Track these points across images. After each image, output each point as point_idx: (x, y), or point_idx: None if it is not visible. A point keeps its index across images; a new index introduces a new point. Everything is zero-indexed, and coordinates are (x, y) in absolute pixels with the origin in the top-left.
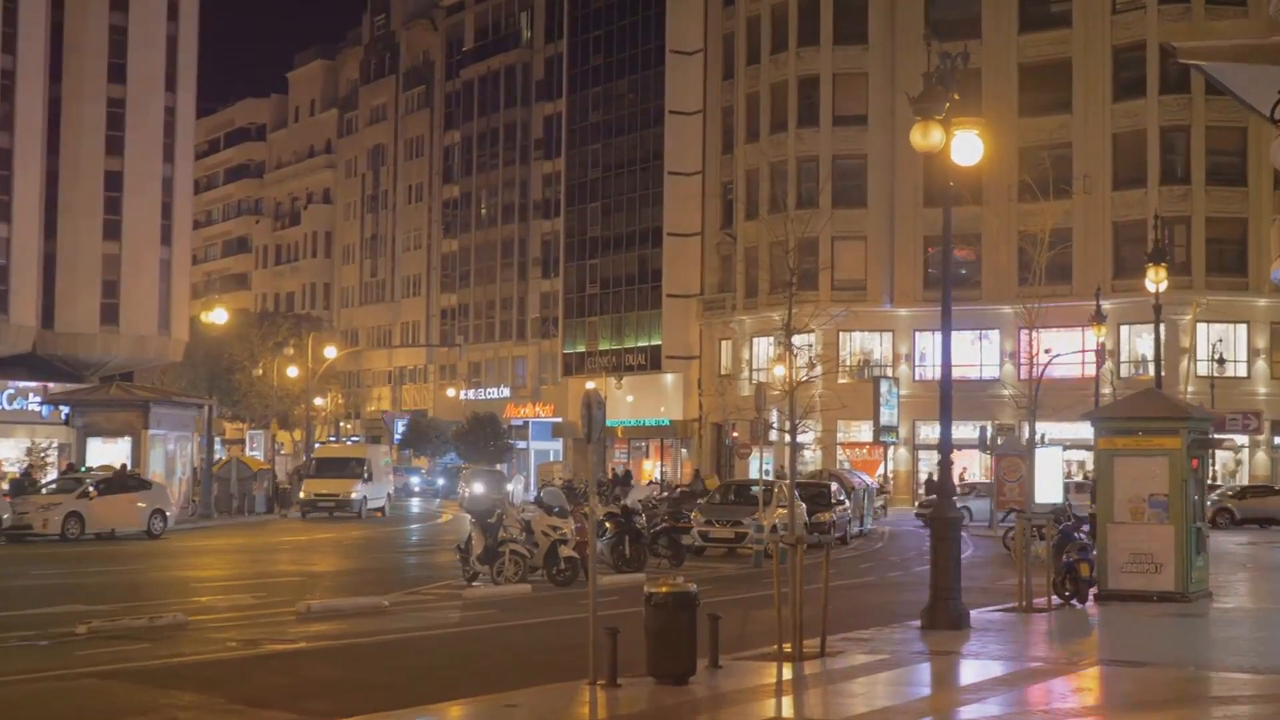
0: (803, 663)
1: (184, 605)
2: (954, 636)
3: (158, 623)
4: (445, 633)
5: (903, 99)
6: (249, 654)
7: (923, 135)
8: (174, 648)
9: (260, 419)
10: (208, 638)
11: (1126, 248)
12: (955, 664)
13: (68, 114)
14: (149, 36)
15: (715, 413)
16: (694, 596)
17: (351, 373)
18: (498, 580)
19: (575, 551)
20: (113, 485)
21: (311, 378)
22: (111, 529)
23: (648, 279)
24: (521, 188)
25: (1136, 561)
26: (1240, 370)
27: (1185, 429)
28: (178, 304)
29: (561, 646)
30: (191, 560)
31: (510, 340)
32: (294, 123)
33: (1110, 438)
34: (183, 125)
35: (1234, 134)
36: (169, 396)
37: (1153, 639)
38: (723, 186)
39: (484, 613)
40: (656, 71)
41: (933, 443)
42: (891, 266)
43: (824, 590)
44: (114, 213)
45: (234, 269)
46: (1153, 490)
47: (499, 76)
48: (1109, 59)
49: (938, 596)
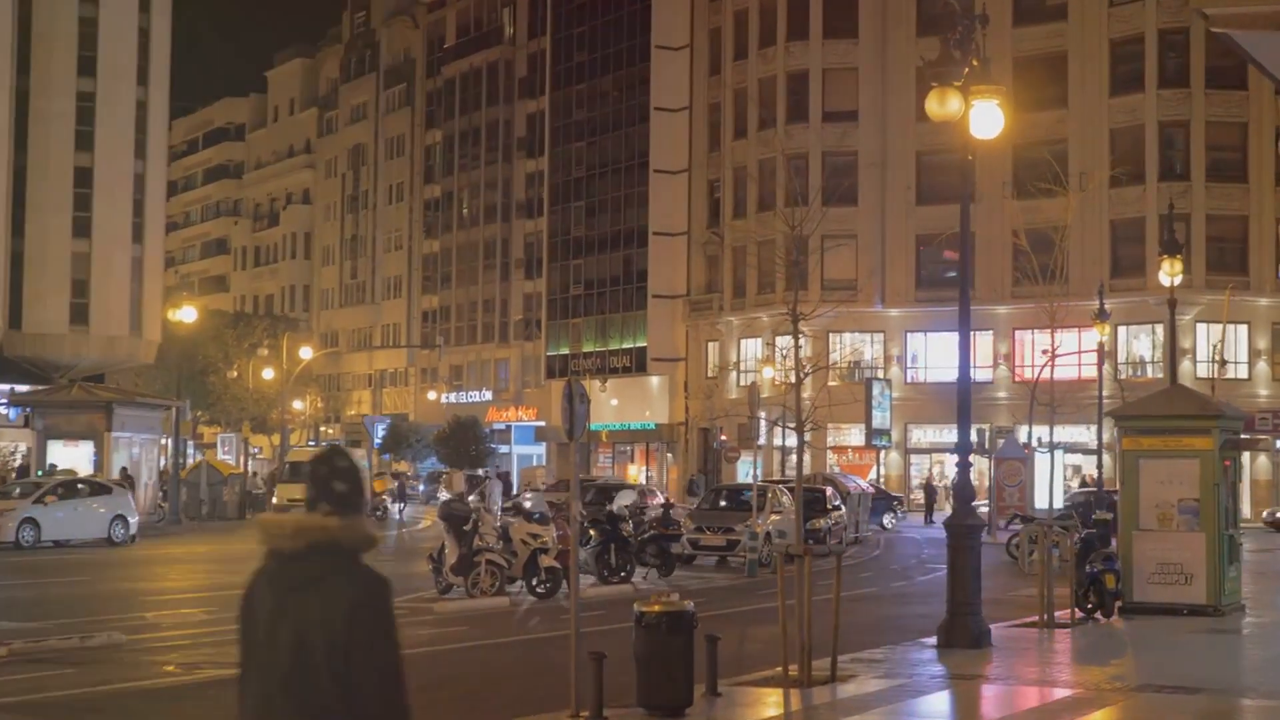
0: (812, 689)
1: (125, 622)
2: (975, 656)
3: (89, 643)
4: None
5: (894, 95)
6: (185, 681)
7: (940, 103)
8: (101, 674)
9: (235, 423)
10: (143, 661)
11: (1124, 246)
12: (984, 691)
13: (36, 108)
14: (120, 29)
15: (702, 416)
16: (690, 616)
17: (331, 376)
18: (473, 592)
19: (557, 561)
20: (71, 490)
21: (287, 379)
22: (69, 537)
23: (633, 279)
24: (504, 187)
25: (1164, 572)
26: (1241, 372)
27: (1217, 428)
28: (150, 304)
29: (543, 667)
30: (148, 570)
31: (493, 342)
32: (273, 122)
33: (1136, 438)
34: (155, 120)
35: (1234, 129)
36: (133, 398)
37: (1193, 660)
38: (709, 185)
39: (456, 629)
40: (642, 67)
41: (925, 446)
42: (883, 266)
43: (835, 606)
44: (84, 210)
45: (212, 271)
46: (1182, 494)
47: (481, 74)
48: (1106, 52)
49: (956, 612)
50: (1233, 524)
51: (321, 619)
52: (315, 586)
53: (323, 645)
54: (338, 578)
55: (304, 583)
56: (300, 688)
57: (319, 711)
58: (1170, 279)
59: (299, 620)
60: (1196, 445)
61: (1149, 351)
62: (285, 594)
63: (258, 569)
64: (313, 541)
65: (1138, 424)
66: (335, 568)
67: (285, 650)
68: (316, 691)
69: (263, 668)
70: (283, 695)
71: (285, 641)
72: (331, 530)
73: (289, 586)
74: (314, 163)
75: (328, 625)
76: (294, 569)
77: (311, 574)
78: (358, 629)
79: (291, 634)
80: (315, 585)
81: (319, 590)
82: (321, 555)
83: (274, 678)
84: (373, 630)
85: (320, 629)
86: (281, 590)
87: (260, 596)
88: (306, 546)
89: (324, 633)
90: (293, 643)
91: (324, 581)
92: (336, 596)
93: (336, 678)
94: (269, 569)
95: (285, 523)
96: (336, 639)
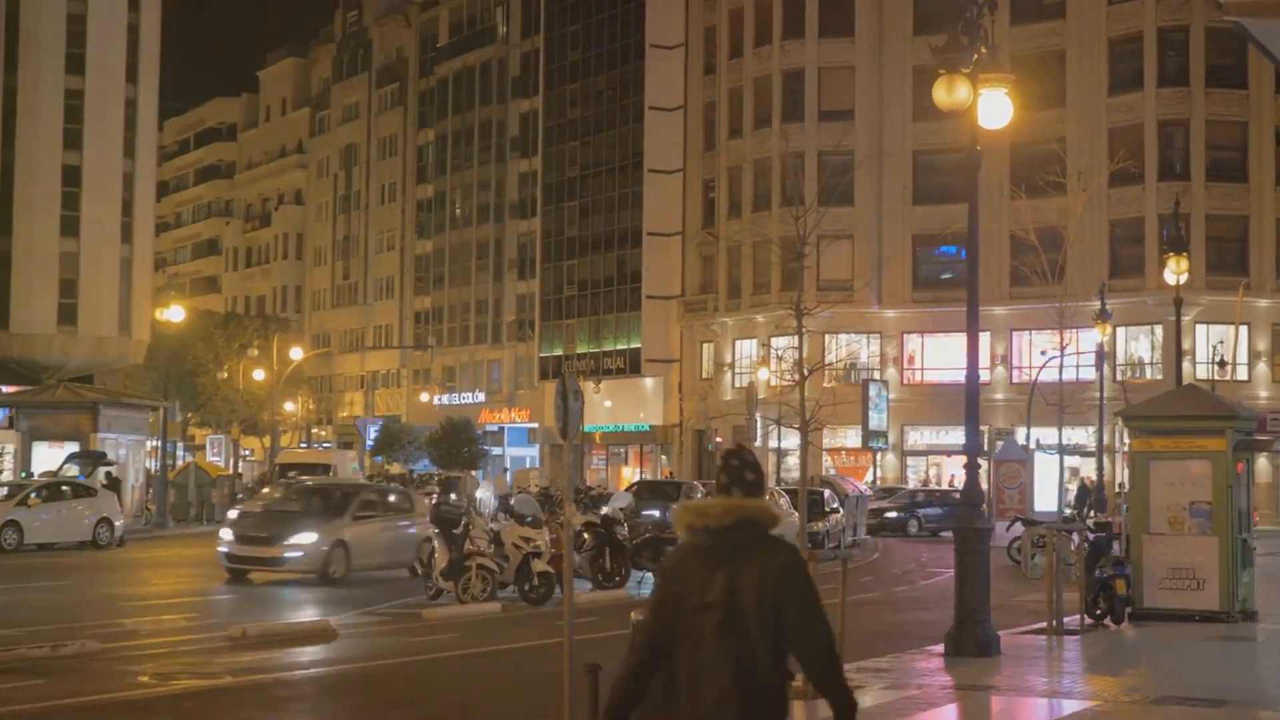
0: (817, 701)
1: (103, 629)
2: (985, 665)
3: (61, 652)
4: (399, 663)
5: (891, 93)
6: (157, 693)
7: (947, 91)
8: (71, 685)
9: (226, 424)
10: (116, 671)
11: (1123, 246)
12: (996, 704)
13: (24, 105)
14: (109, 26)
15: (696, 418)
16: None
17: (324, 377)
18: (463, 598)
19: (550, 566)
20: (54, 492)
21: (277, 380)
22: (53, 540)
23: (627, 280)
24: (497, 187)
25: (1175, 577)
26: (1241, 374)
27: (1230, 429)
28: (139, 304)
29: (536, 678)
30: (131, 574)
31: (485, 344)
32: (265, 122)
33: (1146, 438)
34: (145, 119)
35: (1234, 128)
36: (119, 398)
37: (1211, 669)
38: (704, 184)
39: (446, 637)
40: (636, 66)
41: (922, 448)
42: (880, 266)
43: (841, 613)
44: (72, 209)
45: (204, 272)
46: (1194, 497)
47: (474, 73)
48: (1105, 50)
49: (965, 619)
50: (1246, 528)
51: (757, 580)
52: (746, 555)
53: (754, 601)
54: (764, 547)
55: (734, 553)
56: (733, 637)
57: (747, 657)
58: (1176, 277)
59: (732, 582)
60: (1209, 446)
61: (1148, 353)
62: (717, 562)
63: (683, 544)
64: (739, 519)
65: (1148, 424)
66: (760, 540)
67: (718, 607)
68: (746, 639)
69: (695, 624)
70: (717, 643)
71: (718, 599)
72: (752, 510)
73: (721, 556)
74: (306, 163)
75: (762, 585)
76: (723, 543)
77: (740, 545)
78: (788, 586)
79: (723, 593)
80: (745, 554)
81: (750, 558)
82: (745, 530)
83: (708, 630)
84: (802, 585)
85: (753, 588)
86: (713, 560)
87: (690, 565)
88: (734, 523)
89: (757, 591)
90: (725, 600)
91: (753, 551)
92: (769, 562)
93: (764, 628)
94: (698, 543)
95: (714, 505)
96: (768, 595)
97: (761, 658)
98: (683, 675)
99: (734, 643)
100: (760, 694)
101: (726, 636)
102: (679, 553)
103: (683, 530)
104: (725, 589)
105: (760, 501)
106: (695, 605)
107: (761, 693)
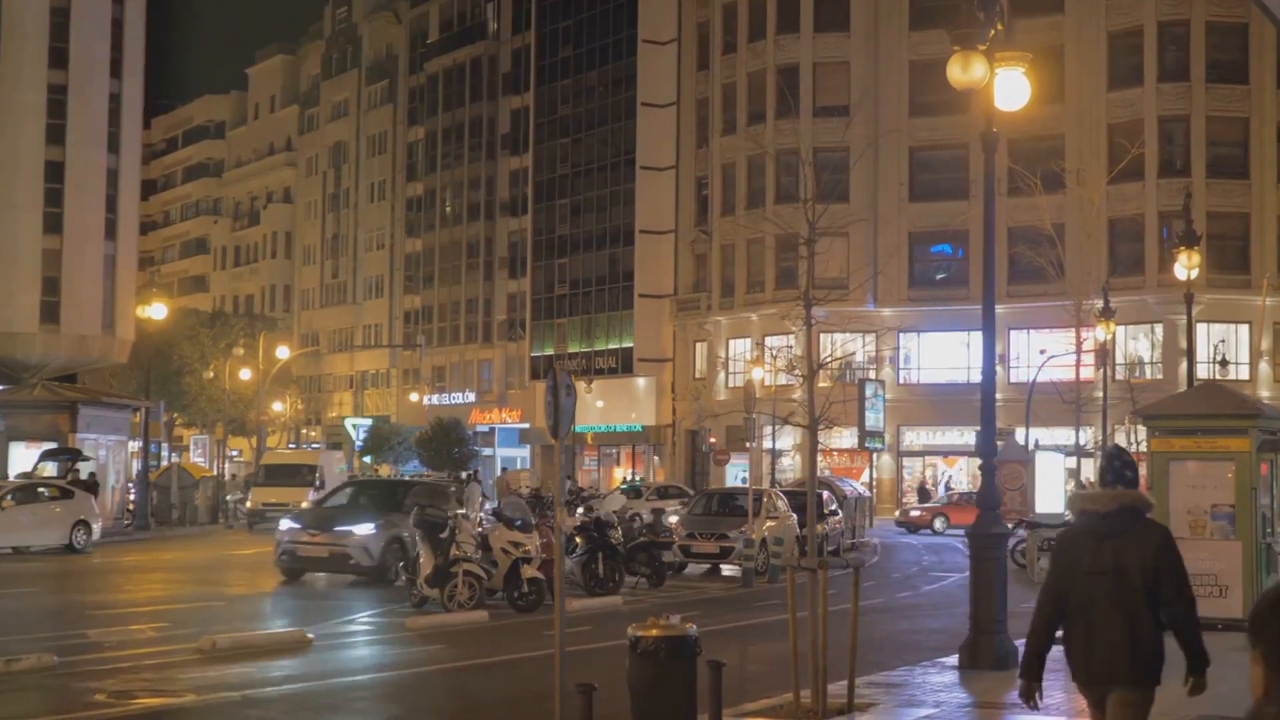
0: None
1: (64, 640)
2: (1003, 679)
3: (15, 667)
4: (378, 678)
5: (887, 89)
6: (113, 713)
7: (963, 69)
8: (20, 705)
9: (212, 424)
10: (72, 688)
11: (1122, 244)
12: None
13: (5, 100)
14: (93, 20)
15: (690, 418)
16: (692, 642)
17: (312, 377)
18: (449, 606)
19: (540, 572)
20: (30, 494)
21: (264, 380)
22: (28, 543)
23: (619, 279)
24: (487, 185)
25: (1197, 583)
26: (1243, 373)
27: (1254, 429)
28: (123, 303)
29: (526, 695)
30: (104, 580)
31: (476, 343)
32: (253, 120)
33: (1165, 438)
34: (129, 114)
35: (1236, 124)
36: (99, 398)
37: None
38: (697, 182)
39: (431, 649)
40: (628, 62)
41: (919, 449)
42: (875, 265)
43: (853, 626)
44: (55, 205)
45: (192, 271)
46: (1216, 500)
47: (464, 70)
48: (1104, 45)
49: (980, 629)
50: (1270, 531)
51: (1139, 554)
52: (1127, 534)
53: (1138, 571)
54: (1143, 528)
55: (1116, 532)
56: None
57: (1135, 616)
58: (1188, 272)
59: (1118, 555)
60: (1232, 447)
61: (1148, 352)
62: (1102, 539)
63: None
64: (1122, 505)
65: (1168, 424)
66: (1138, 521)
67: (1108, 575)
68: (1133, 602)
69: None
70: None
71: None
72: (1133, 497)
73: (1105, 534)
74: (295, 161)
75: (1143, 558)
76: (1107, 524)
77: (1121, 526)
78: (1163, 558)
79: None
80: (1126, 534)
81: (1131, 536)
82: (1126, 514)
83: (1100, 595)
84: (1174, 559)
85: (1136, 561)
86: (1099, 537)
87: (1081, 542)
88: (1118, 508)
89: (1139, 563)
90: (1114, 570)
91: (1132, 531)
92: (1148, 540)
93: (1147, 592)
94: (1088, 524)
95: (1104, 494)
96: (1148, 567)
97: (1144, 614)
98: (1077, 629)
99: (1122, 603)
100: (1144, 644)
101: (1115, 598)
102: (1071, 531)
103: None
104: (1112, 559)
105: (1137, 491)
106: (1086, 571)
107: (1145, 643)
